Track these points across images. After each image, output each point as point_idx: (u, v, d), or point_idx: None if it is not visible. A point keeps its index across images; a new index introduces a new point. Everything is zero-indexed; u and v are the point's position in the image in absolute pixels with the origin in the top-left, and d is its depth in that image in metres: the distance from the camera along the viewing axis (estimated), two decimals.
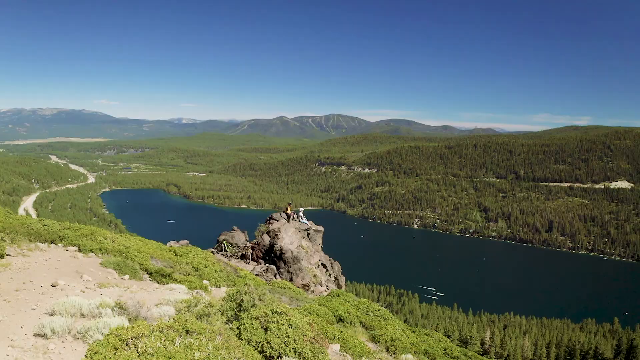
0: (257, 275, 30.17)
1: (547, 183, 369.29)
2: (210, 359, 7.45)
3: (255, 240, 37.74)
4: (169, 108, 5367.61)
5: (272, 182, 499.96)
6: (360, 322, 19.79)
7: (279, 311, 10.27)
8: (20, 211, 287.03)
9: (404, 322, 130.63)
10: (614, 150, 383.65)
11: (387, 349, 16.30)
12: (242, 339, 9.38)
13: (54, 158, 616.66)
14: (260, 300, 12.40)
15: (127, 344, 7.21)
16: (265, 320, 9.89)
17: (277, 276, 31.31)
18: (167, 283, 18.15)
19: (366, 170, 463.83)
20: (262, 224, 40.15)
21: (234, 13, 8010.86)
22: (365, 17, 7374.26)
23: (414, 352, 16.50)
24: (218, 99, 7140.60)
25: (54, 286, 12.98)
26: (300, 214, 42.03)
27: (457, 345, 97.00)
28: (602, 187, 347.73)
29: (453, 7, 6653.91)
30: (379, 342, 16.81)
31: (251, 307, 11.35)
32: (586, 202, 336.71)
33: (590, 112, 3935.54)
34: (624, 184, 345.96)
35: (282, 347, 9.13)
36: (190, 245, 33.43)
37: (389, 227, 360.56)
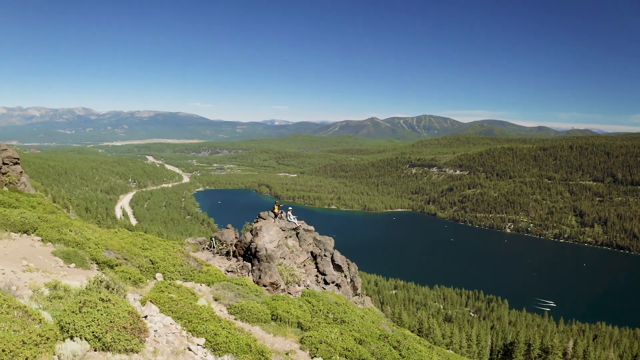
0: (230, 271, 31.91)
1: None
2: None
3: (240, 238, 38.27)
4: (262, 110, 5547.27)
5: (362, 183, 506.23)
6: (298, 323, 20.22)
7: (105, 299, 10.94)
8: (117, 209, 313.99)
9: (491, 328, 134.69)
10: None
11: (311, 350, 16.78)
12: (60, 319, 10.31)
13: (150, 158, 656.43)
14: (113, 289, 13.39)
15: None
16: (83, 305, 10.49)
17: (250, 273, 32.19)
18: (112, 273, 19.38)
19: (457, 172, 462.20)
20: (248, 222, 40.25)
21: (326, 16, 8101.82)
22: (457, 18, 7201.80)
23: (345, 357, 16.74)
24: (310, 101, 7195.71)
25: None
26: (289, 213, 41.81)
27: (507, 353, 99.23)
28: None
29: (550, 4, 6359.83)
30: (304, 343, 17.15)
31: (96, 292, 12.29)
32: None
33: None
34: None
35: (83, 329, 9.88)
36: (206, 241, 40.19)
37: (480, 230, 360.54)
